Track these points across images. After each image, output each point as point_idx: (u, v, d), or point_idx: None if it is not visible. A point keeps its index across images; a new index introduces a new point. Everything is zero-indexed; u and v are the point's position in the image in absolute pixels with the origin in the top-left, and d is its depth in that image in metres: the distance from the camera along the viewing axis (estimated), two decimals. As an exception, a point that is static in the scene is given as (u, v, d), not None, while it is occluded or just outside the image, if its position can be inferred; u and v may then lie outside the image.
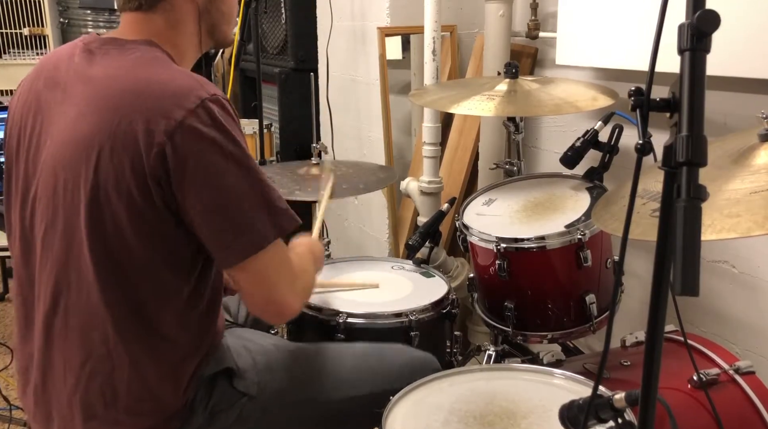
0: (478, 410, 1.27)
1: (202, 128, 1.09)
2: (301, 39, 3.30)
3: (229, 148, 1.11)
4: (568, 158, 1.81)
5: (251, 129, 3.19)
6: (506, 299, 1.71)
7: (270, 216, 1.14)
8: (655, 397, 0.83)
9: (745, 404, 1.40)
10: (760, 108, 1.20)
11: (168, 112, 1.09)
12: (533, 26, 2.30)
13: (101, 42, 1.22)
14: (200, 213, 1.11)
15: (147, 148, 1.08)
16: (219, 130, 1.10)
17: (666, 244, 0.79)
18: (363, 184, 2.06)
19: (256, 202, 1.13)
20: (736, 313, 1.86)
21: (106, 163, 1.10)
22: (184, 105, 1.09)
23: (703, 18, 0.70)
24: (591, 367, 1.49)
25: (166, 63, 1.19)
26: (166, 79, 1.14)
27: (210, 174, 1.10)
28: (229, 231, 1.13)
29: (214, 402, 1.27)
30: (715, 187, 1.05)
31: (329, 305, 1.65)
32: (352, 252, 3.08)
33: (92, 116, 1.12)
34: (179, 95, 1.10)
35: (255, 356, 1.36)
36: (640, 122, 0.79)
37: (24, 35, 4.63)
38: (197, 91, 1.11)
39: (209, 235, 1.13)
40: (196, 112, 1.09)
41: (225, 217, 1.12)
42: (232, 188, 1.11)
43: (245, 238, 1.13)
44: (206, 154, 1.10)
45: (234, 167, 1.11)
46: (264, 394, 1.32)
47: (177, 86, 1.12)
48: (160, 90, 1.11)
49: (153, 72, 1.15)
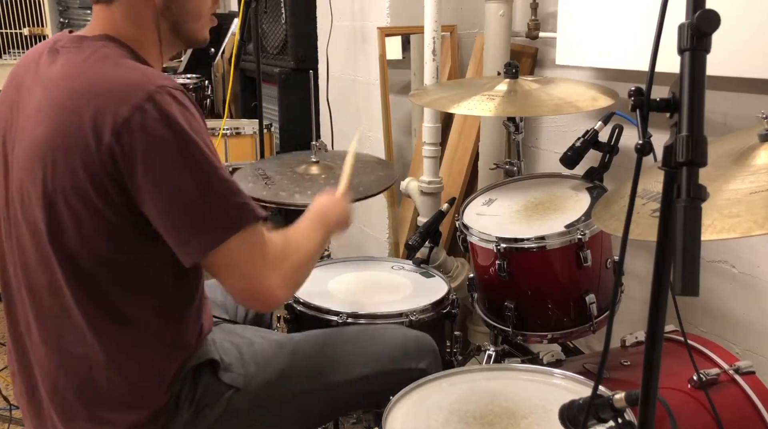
0: (478, 410, 1.27)
1: (149, 124, 1.06)
2: (301, 39, 3.30)
3: (179, 142, 1.08)
4: (568, 158, 1.81)
5: (251, 129, 3.19)
6: (506, 299, 1.71)
7: (225, 212, 1.11)
8: (655, 397, 0.83)
9: (745, 404, 1.40)
10: (760, 108, 1.20)
11: (114, 110, 1.07)
12: (533, 26, 2.30)
13: (66, 40, 1.21)
14: (155, 211, 1.10)
15: (97, 148, 1.07)
16: (167, 125, 1.07)
17: (666, 244, 0.79)
18: (362, 187, 2.05)
19: (210, 198, 1.10)
20: (736, 313, 1.86)
21: (61, 165, 1.10)
22: (129, 101, 1.07)
23: (703, 18, 0.70)
24: (591, 367, 1.49)
25: (118, 59, 1.16)
26: (113, 75, 1.11)
27: (160, 172, 1.08)
28: (185, 228, 1.11)
29: (200, 396, 1.27)
30: (715, 187, 1.05)
31: (329, 305, 1.65)
32: (352, 252, 3.08)
33: (46, 120, 1.12)
34: (125, 91, 1.08)
35: (241, 348, 1.35)
36: (640, 122, 0.79)
37: (24, 35, 4.64)
38: (144, 86, 1.08)
39: (166, 232, 1.12)
40: (143, 107, 1.06)
41: (179, 214, 1.10)
42: (184, 185, 1.09)
43: (201, 236, 1.11)
44: (154, 151, 1.07)
45: (184, 163, 1.08)
46: (251, 386, 1.31)
47: (123, 82, 1.10)
48: (106, 88, 1.10)
49: (102, 69, 1.13)
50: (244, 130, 3.24)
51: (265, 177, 2.10)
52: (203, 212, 1.10)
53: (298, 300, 1.69)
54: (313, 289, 1.77)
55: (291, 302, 1.70)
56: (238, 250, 1.13)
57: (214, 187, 1.10)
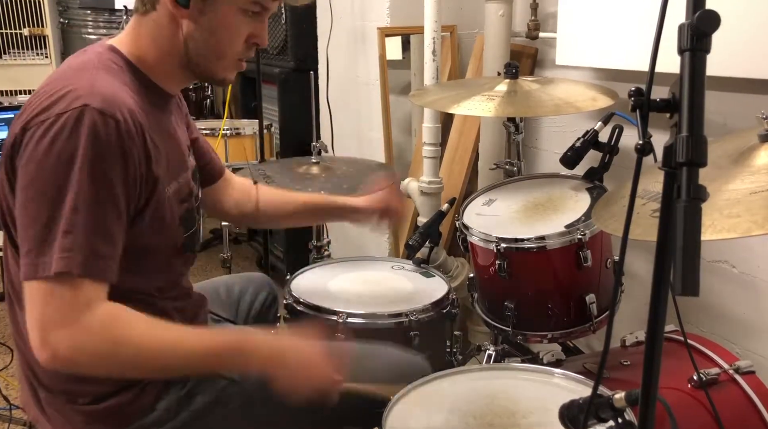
0: (478, 410, 1.27)
1: (49, 135, 1.05)
2: (301, 39, 3.30)
3: (57, 165, 1.05)
4: (568, 158, 1.81)
5: (251, 129, 3.19)
6: (506, 299, 1.71)
7: (50, 251, 1.04)
8: (655, 397, 0.83)
9: (745, 404, 1.40)
10: (760, 108, 1.20)
11: (38, 110, 1.08)
12: (533, 26, 2.30)
13: (93, 45, 1.24)
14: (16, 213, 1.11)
15: (8, 142, 1.11)
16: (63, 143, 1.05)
17: (666, 244, 0.79)
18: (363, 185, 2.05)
19: (45, 230, 1.05)
20: (736, 313, 1.86)
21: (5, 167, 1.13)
22: (56, 108, 1.07)
23: (703, 18, 0.70)
24: (591, 367, 1.49)
25: (93, 68, 1.15)
26: (66, 82, 1.11)
27: (26, 182, 1.07)
28: (20, 244, 1.08)
29: (194, 382, 1.27)
30: (715, 187, 1.05)
31: (329, 305, 1.65)
32: (352, 252, 3.07)
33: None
34: (61, 97, 1.08)
35: None
36: (640, 122, 0.79)
37: (24, 35, 4.63)
38: (78, 99, 1.07)
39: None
40: (59, 116, 1.06)
41: (21, 228, 1.08)
42: (33, 205, 1.06)
43: (24, 261, 1.06)
44: (32, 161, 1.06)
45: (46, 187, 1.05)
46: (246, 381, 1.30)
47: (66, 88, 1.09)
48: (52, 91, 1.10)
49: (66, 75, 1.15)
50: (244, 130, 3.23)
51: (265, 176, 2.10)
52: (36, 239, 1.05)
53: (298, 300, 1.70)
54: (313, 289, 1.77)
55: (291, 302, 1.70)
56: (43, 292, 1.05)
57: (60, 220, 1.04)
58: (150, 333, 1.12)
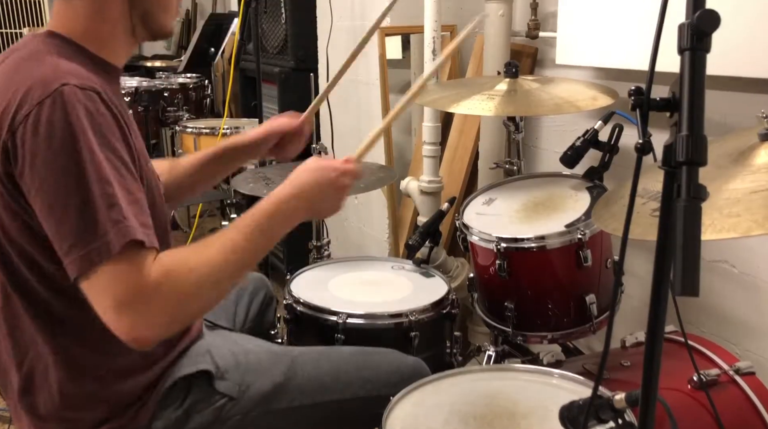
0: (478, 410, 1.26)
1: (42, 122, 1.01)
2: (301, 39, 3.30)
3: (67, 144, 1.01)
4: (568, 158, 1.81)
5: (251, 128, 3.19)
6: (506, 299, 1.71)
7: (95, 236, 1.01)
8: (655, 398, 0.83)
9: (745, 405, 1.40)
10: (760, 108, 1.20)
11: (16, 108, 1.04)
12: (533, 26, 2.30)
13: (25, 39, 1.20)
14: (40, 215, 1.05)
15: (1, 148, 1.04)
16: (61, 124, 1.01)
17: (666, 244, 0.79)
18: (363, 184, 2.05)
19: (82, 217, 1.01)
20: (736, 313, 1.86)
21: None
22: (32, 98, 1.03)
23: (703, 18, 0.70)
24: (591, 368, 1.49)
25: (43, 56, 1.11)
26: (27, 73, 1.07)
27: (41, 179, 1.02)
28: (58, 244, 1.03)
29: (190, 402, 1.26)
30: (715, 187, 1.05)
31: (329, 305, 1.65)
32: (352, 252, 3.08)
33: None
34: (32, 88, 1.04)
35: (238, 357, 1.35)
36: (640, 122, 0.79)
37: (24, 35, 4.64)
38: (50, 83, 1.03)
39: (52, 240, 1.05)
40: (42, 104, 1.02)
41: (54, 229, 1.03)
42: (60, 199, 1.02)
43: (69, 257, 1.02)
44: (39, 156, 1.02)
45: (64, 175, 1.01)
46: (245, 396, 1.31)
47: (32, 79, 1.05)
48: (17, 86, 1.06)
49: (22, 67, 1.10)
50: (244, 129, 3.24)
51: (265, 178, 2.10)
52: (76, 231, 1.01)
53: (298, 300, 1.69)
54: (313, 289, 1.77)
55: (291, 302, 1.70)
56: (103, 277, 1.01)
57: (96, 196, 1.01)
58: (201, 262, 1.09)
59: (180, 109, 4.09)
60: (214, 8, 5.57)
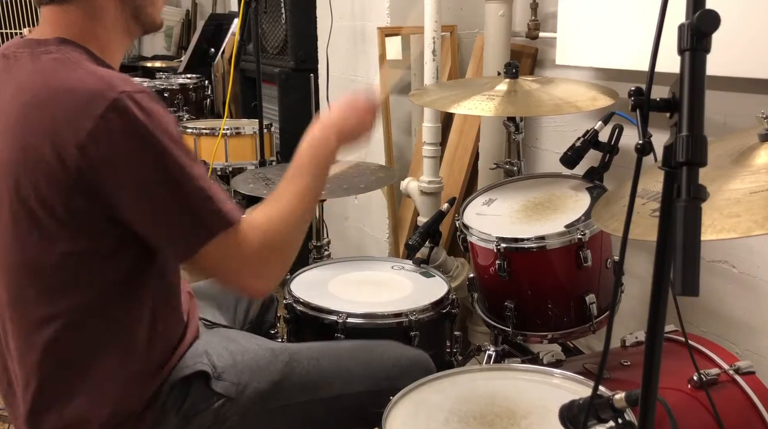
0: (478, 410, 1.27)
1: (114, 136, 1.03)
2: (301, 39, 3.30)
3: (147, 151, 1.05)
4: (568, 158, 1.81)
5: (251, 129, 3.19)
6: (506, 299, 1.71)
7: (197, 222, 1.09)
8: (655, 397, 0.83)
9: (745, 404, 1.40)
10: (760, 108, 1.20)
11: (76, 123, 1.02)
12: (533, 26, 2.30)
13: (17, 46, 1.17)
14: (131, 220, 1.09)
15: (61, 162, 1.03)
16: (134, 134, 1.04)
17: (666, 244, 0.79)
18: (363, 184, 2.06)
19: (184, 207, 1.08)
20: (736, 313, 1.86)
21: (25, 182, 1.06)
22: (91, 112, 1.02)
23: (703, 18, 0.70)
24: (591, 367, 1.49)
25: (75, 64, 1.10)
26: (70, 85, 1.06)
27: (130, 183, 1.06)
28: (162, 237, 1.11)
29: (189, 405, 1.25)
30: (715, 187, 1.05)
31: (329, 305, 1.65)
32: (352, 252, 3.07)
33: (7, 132, 1.09)
34: (85, 101, 1.03)
35: (235, 356, 1.33)
36: (640, 122, 0.79)
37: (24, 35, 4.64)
38: (105, 93, 1.04)
39: (147, 239, 1.12)
40: (106, 117, 1.02)
41: (154, 224, 1.09)
42: (155, 198, 1.07)
43: (176, 246, 1.12)
44: (123, 163, 1.04)
45: (154, 173, 1.06)
46: (243, 396, 1.30)
47: (83, 92, 1.05)
48: (64, 99, 1.05)
49: (58, 78, 1.08)
50: (244, 130, 3.23)
51: (265, 178, 2.10)
52: (178, 222, 1.09)
53: (298, 300, 1.70)
54: (313, 289, 1.77)
55: (291, 302, 1.70)
56: (208, 258, 1.11)
57: (189, 194, 1.08)
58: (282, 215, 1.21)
59: (180, 110, 4.09)
60: (214, 8, 5.58)
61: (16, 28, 4.61)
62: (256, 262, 1.17)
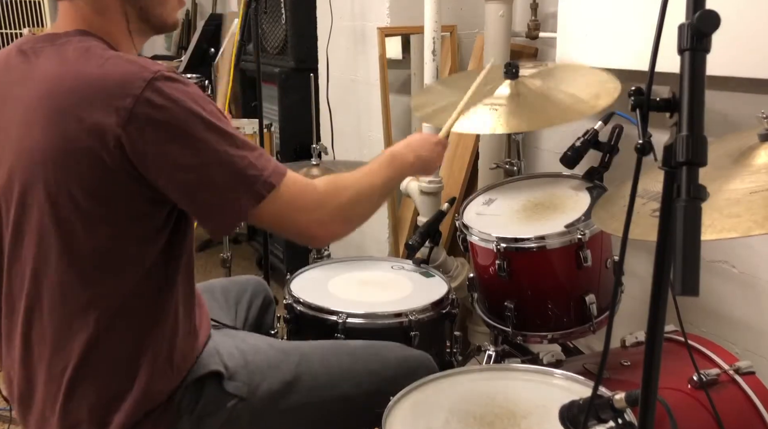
0: (478, 410, 1.27)
1: (154, 113, 1.05)
2: (301, 39, 3.30)
3: (186, 125, 1.08)
4: (568, 158, 1.81)
5: (251, 129, 3.19)
6: (506, 299, 1.71)
7: (245, 187, 1.13)
8: (655, 397, 0.83)
9: (745, 404, 1.40)
10: (760, 108, 1.20)
11: (116, 104, 1.05)
12: (533, 26, 2.30)
13: (34, 41, 1.18)
14: (179, 194, 1.12)
15: (102, 144, 1.05)
16: (175, 109, 1.07)
17: (666, 244, 0.79)
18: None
19: (226, 176, 1.12)
20: (736, 313, 1.86)
21: (62, 166, 1.08)
22: (129, 92, 1.05)
23: (703, 18, 0.70)
24: (591, 367, 1.49)
25: (102, 51, 1.12)
26: (104, 70, 1.08)
27: (172, 159, 1.08)
28: (207, 207, 1.14)
29: (202, 405, 1.26)
30: (715, 187, 1.05)
31: (329, 305, 1.65)
32: (352, 252, 3.07)
33: (39, 122, 1.09)
34: (122, 84, 1.06)
35: (247, 357, 1.34)
36: (640, 122, 0.79)
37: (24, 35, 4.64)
38: (140, 74, 1.06)
39: (192, 212, 1.17)
40: (144, 96, 1.05)
41: (197, 196, 1.12)
42: (198, 168, 1.10)
43: (222, 216, 1.15)
44: (164, 140, 1.07)
45: (195, 147, 1.09)
46: (255, 396, 1.30)
47: (117, 75, 1.07)
48: (100, 83, 1.07)
49: (89, 64, 1.10)
50: (244, 129, 3.23)
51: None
52: (222, 190, 1.12)
53: (298, 300, 1.69)
54: (313, 289, 1.77)
55: (291, 302, 1.70)
56: (266, 214, 1.16)
57: (229, 163, 1.11)
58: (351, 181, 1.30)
59: (180, 110, 4.07)
60: (214, 8, 5.57)
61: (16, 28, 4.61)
62: (319, 207, 1.23)
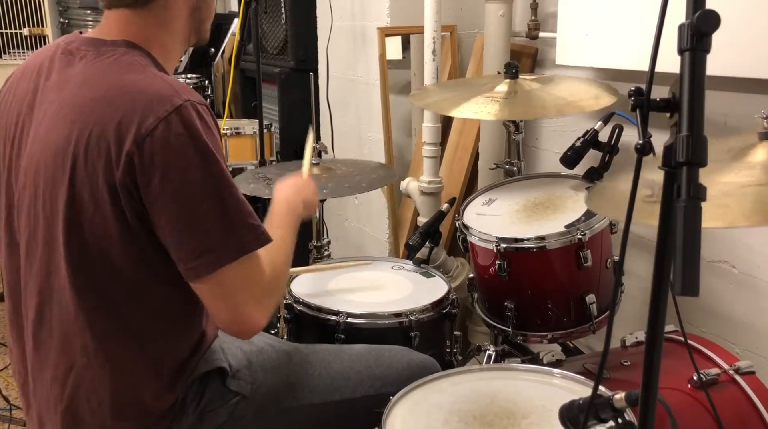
0: (478, 410, 1.27)
1: (172, 138, 1.06)
2: (301, 39, 3.30)
3: (200, 159, 1.08)
4: (568, 158, 1.81)
5: (251, 129, 3.19)
6: (506, 299, 1.71)
7: (234, 235, 1.11)
8: (655, 397, 0.83)
9: (745, 404, 1.40)
10: (760, 108, 1.20)
11: (140, 120, 1.06)
12: (533, 26, 2.30)
13: (81, 42, 1.20)
14: (166, 224, 1.09)
15: (117, 156, 1.06)
16: (191, 140, 1.07)
17: (666, 244, 0.79)
18: (365, 183, 2.06)
19: (221, 220, 1.09)
20: (736, 313, 1.86)
21: (81, 171, 1.09)
22: (156, 112, 1.06)
23: (703, 18, 0.70)
24: (591, 367, 1.49)
25: (143, 68, 1.15)
26: (140, 85, 1.11)
27: (178, 187, 1.07)
28: (190, 248, 1.09)
29: (206, 402, 1.26)
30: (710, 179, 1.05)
31: (329, 305, 1.65)
32: (352, 252, 3.08)
33: (67, 124, 1.11)
34: (152, 102, 1.07)
35: (250, 356, 1.35)
36: (640, 122, 0.79)
37: (24, 35, 4.64)
38: (171, 98, 1.08)
39: (174, 246, 1.11)
40: (168, 119, 1.06)
41: (191, 231, 1.09)
42: (200, 203, 1.08)
43: (204, 258, 1.10)
44: (174, 165, 1.07)
45: (203, 181, 1.08)
46: (257, 395, 1.31)
47: (151, 93, 1.09)
48: (133, 97, 1.09)
49: (128, 78, 1.12)
50: (244, 130, 3.23)
51: (265, 178, 2.10)
52: (212, 233, 1.09)
53: (298, 300, 1.70)
54: (313, 289, 1.77)
55: (291, 302, 1.70)
56: (232, 276, 1.12)
57: (230, 207, 1.10)
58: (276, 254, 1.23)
59: (180, 110, 4.07)
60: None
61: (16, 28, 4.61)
62: (271, 295, 1.21)
